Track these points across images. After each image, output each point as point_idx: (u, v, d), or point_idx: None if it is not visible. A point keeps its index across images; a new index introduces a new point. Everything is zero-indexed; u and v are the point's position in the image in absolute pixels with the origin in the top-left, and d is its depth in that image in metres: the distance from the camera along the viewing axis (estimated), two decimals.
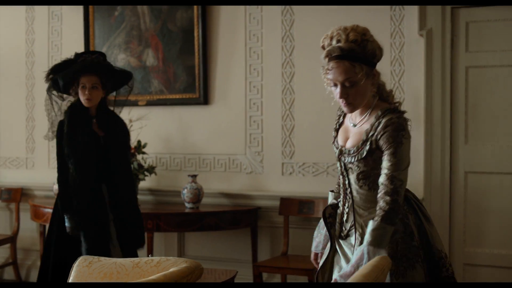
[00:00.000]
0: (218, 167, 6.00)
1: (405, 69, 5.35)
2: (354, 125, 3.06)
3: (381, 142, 2.89)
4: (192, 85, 6.01)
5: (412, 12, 5.30)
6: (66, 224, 4.52)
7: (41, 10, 6.71)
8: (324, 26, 5.54)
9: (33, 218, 6.15)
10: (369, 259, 2.73)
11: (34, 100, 6.77)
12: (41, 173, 6.74)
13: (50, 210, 5.82)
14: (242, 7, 5.86)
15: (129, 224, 4.56)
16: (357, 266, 2.76)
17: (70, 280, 3.38)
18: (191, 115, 6.08)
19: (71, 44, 6.56)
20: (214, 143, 6.01)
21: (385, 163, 2.87)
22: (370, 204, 2.99)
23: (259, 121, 5.85)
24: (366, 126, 2.97)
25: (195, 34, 5.95)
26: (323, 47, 3.06)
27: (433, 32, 5.21)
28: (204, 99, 5.98)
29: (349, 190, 3.07)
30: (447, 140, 5.21)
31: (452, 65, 5.20)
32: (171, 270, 3.06)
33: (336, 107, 3.22)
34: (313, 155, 5.65)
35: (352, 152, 3.00)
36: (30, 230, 6.74)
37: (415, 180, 5.28)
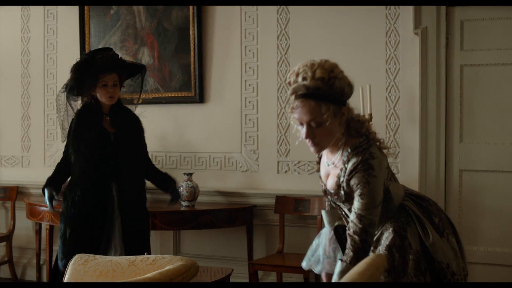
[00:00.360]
0: (213, 165, 6.01)
1: (400, 68, 5.36)
2: (328, 164, 3.00)
3: (351, 183, 2.83)
4: (188, 83, 6.01)
5: (407, 10, 5.31)
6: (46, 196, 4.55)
7: (36, 9, 6.70)
8: (319, 25, 5.57)
9: (28, 217, 6.14)
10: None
11: (30, 98, 6.77)
12: (37, 171, 6.73)
13: (46, 209, 5.82)
14: (237, 6, 5.86)
15: (133, 227, 4.47)
16: None
17: (66, 278, 3.38)
18: (186, 114, 6.09)
19: (67, 42, 6.56)
20: (209, 142, 6.01)
21: (355, 203, 2.81)
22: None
23: (255, 120, 5.85)
24: (337, 169, 2.91)
25: (191, 32, 5.96)
26: (289, 84, 2.86)
27: (428, 30, 5.22)
28: (200, 98, 5.98)
29: (347, 218, 3.01)
30: (442, 138, 5.22)
31: (447, 64, 5.21)
32: (166, 268, 3.06)
33: None
34: (309, 153, 5.60)
35: (333, 193, 2.97)
36: (25, 229, 6.73)
37: (410, 178, 5.29)
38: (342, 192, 2.89)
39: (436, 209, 3.15)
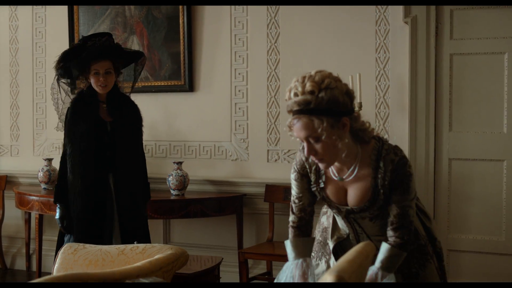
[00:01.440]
0: (203, 154, 6.00)
1: (390, 56, 5.36)
2: (342, 179, 2.89)
3: (393, 184, 2.80)
4: (177, 72, 6.00)
5: None
6: (56, 214, 4.42)
7: None
8: (309, 14, 5.56)
9: (18, 206, 6.12)
10: (376, 280, 2.75)
11: (19, 87, 6.73)
12: (26, 160, 6.71)
13: (35, 198, 5.83)
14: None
15: (130, 220, 4.34)
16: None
17: (55, 267, 3.38)
18: (176, 102, 6.07)
19: (56, 30, 6.52)
20: (199, 130, 6.01)
21: (399, 199, 2.82)
22: (384, 227, 2.92)
23: (244, 108, 5.85)
24: (362, 180, 2.84)
25: (180, 21, 5.93)
26: (286, 101, 2.73)
27: (418, 19, 5.22)
28: (190, 86, 5.97)
29: (360, 230, 3.00)
30: (431, 127, 5.23)
31: (436, 53, 5.22)
32: (156, 257, 3.07)
33: None
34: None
35: (365, 207, 2.88)
36: (15, 218, 6.71)
37: None
38: (382, 197, 2.82)
39: None
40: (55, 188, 4.47)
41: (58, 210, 4.40)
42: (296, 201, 3.00)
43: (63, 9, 6.39)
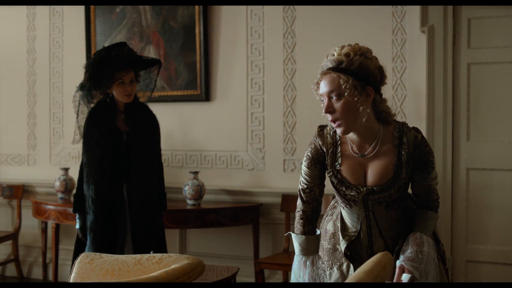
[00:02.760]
0: (219, 163, 6.00)
1: (407, 66, 5.34)
2: (363, 155, 2.89)
3: (417, 161, 2.86)
4: (194, 81, 6.01)
5: (413, 8, 5.28)
6: (76, 224, 4.42)
7: (42, 7, 6.71)
8: (325, 23, 5.56)
9: (34, 215, 6.15)
10: (422, 243, 2.82)
11: (36, 97, 6.78)
12: (43, 170, 6.74)
13: (52, 207, 5.85)
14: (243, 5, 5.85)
15: (142, 231, 4.29)
16: (420, 251, 2.81)
17: (72, 277, 3.37)
18: (192, 112, 6.08)
19: (73, 40, 6.56)
20: (215, 140, 6.01)
21: (425, 176, 2.91)
22: (396, 223, 2.96)
23: (261, 118, 5.84)
24: (384, 157, 2.86)
25: (197, 30, 5.95)
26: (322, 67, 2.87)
27: (435, 28, 5.19)
28: (206, 96, 5.98)
29: (373, 222, 2.97)
30: (449, 137, 5.20)
31: (454, 62, 5.19)
32: (172, 266, 3.05)
33: None
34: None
35: (386, 186, 2.87)
36: (31, 227, 6.75)
37: None
38: (404, 175, 2.84)
39: None
40: (74, 198, 4.47)
41: (77, 220, 4.41)
42: (307, 190, 3.03)
43: (80, 19, 6.43)
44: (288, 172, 5.74)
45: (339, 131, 2.81)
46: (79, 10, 6.44)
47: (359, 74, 2.72)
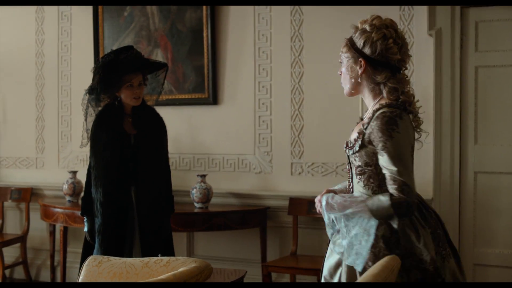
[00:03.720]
0: (227, 167, 6.01)
1: (414, 69, 5.34)
2: (362, 119, 2.99)
3: (372, 136, 2.77)
4: (201, 85, 6.02)
5: (421, 11, 5.29)
6: (85, 227, 4.42)
7: (51, 11, 6.74)
8: (332, 26, 5.56)
9: (43, 218, 6.17)
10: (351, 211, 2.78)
11: (44, 100, 6.80)
12: (51, 173, 6.77)
13: (60, 210, 5.86)
14: (251, 7, 5.86)
15: (151, 233, 4.28)
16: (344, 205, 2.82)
17: (80, 279, 3.39)
18: (200, 115, 6.09)
19: (81, 44, 6.59)
20: (223, 143, 6.02)
21: (380, 158, 2.77)
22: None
23: (268, 121, 5.85)
24: (366, 119, 2.89)
25: (204, 34, 5.96)
26: None
27: (443, 31, 5.19)
28: (213, 99, 5.99)
29: (352, 188, 2.97)
30: (456, 140, 5.19)
31: (461, 65, 5.19)
32: (180, 269, 3.06)
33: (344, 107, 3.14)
34: (322, 155, 5.65)
35: (350, 144, 2.92)
36: (40, 230, 6.77)
37: (424, 180, 5.27)
38: (359, 141, 2.82)
39: (435, 223, 2.92)
40: (82, 201, 4.48)
41: (85, 223, 4.42)
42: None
43: (88, 23, 6.45)
44: (295, 175, 5.74)
45: (345, 92, 3.02)
46: (87, 13, 6.47)
47: (354, 46, 2.90)
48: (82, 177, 5.58)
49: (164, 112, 4.89)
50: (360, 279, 2.00)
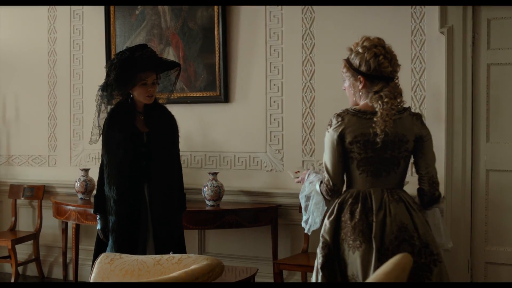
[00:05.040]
0: (238, 165, 6.02)
1: (425, 67, 5.32)
2: None
3: None
4: (213, 83, 6.03)
5: (433, 9, 5.27)
6: (98, 225, 4.44)
7: (63, 9, 6.77)
8: (344, 24, 5.55)
9: (55, 215, 6.20)
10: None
11: (56, 98, 6.83)
12: (63, 170, 6.80)
13: (72, 208, 5.90)
14: (262, 5, 5.86)
15: (164, 231, 4.30)
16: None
17: (92, 276, 3.41)
18: (211, 113, 6.10)
19: (93, 42, 6.61)
20: (234, 141, 6.02)
21: None
22: None
23: (280, 119, 5.85)
24: None
25: (216, 32, 5.97)
26: None
27: (454, 29, 5.18)
28: (225, 97, 6.00)
29: None
30: (468, 138, 5.18)
31: (473, 63, 5.17)
32: (192, 267, 3.07)
33: None
34: None
35: None
36: (52, 227, 6.80)
37: None
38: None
39: (360, 217, 3.25)
40: (95, 199, 4.50)
41: (99, 221, 4.43)
42: None
43: (100, 22, 6.48)
44: None
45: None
46: (99, 12, 6.49)
47: (352, 66, 3.38)
48: (94, 175, 5.60)
49: (176, 110, 4.90)
50: (372, 277, 2.01)
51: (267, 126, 5.90)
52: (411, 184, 4.89)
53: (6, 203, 7.05)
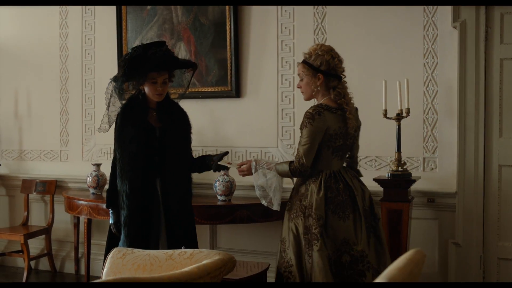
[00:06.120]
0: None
1: (438, 62, 5.30)
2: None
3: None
4: (224, 78, 6.02)
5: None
6: (110, 219, 4.44)
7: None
8: (356, 19, 5.53)
9: (67, 210, 6.22)
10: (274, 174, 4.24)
11: (68, 93, 6.85)
12: (75, 165, 6.82)
13: (84, 202, 5.91)
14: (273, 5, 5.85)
15: (177, 225, 4.31)
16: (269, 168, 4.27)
17: (104, 271, 3.42)
18: (223, 108, 6.10)
19: (104, 38, 6.62)
20: (246, 136, 6.02)
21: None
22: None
23: (291, 114, 5.84)
24: None
25: (227, 27, 5.96)
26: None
27: (467, 24, 5.15)
28: (236, 92, 5.99)
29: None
30: (481, 133, 5.15)
31: (486, 57, 5.14)
32: (204, 262, 3.08)
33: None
34: None
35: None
36: (64, 222, 6.83)
37: (448, 173, 5.24)
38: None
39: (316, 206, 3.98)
40: (107, 193, 4.51)
41: (111, 215, 4.44)
42: None
43: (112, 17, 6.48)
44: None
45: (304, 98, 4.25)
46: (111, 7, 6.50)
47: (313, 66, 4.06)
48: (105, 169, 5.62)
49: (187, 105, 4.90)
50: (386, 272, 2.00)
51: (278, 121, 5.89)
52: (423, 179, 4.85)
53: (19, 197, 7.08)
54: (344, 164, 4.19)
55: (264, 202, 4.24)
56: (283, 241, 4.11)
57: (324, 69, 4.04)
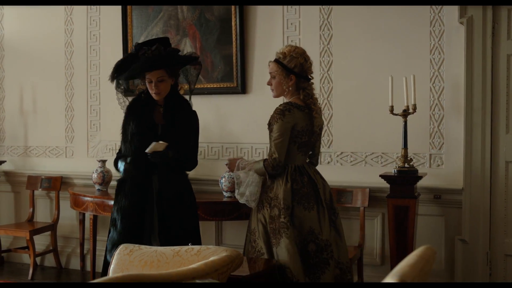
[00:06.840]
0: (255, 156, 6.00)
1: (444, 58, 5.28)
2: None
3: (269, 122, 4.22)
4: (230, 74, 6.01)
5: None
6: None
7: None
8: (362, 15, 5.52)
9: (72, 206, 6.22)
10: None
11: (73, 89, 6.85)
12: (80, 162, 6.82)
13: (89, 199, 5.90)
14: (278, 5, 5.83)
15: (169, 225, 4.33)
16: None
17: (111, 268, 3.41)
18: (228, 104, 6.09)
19: (109, 34, 6.61)
20: (251, 132, 6.01)
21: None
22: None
23: None
24: None
25: (233, 23, 5.95)
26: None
27: (474, 19, 5.13)
28: (242, 88, 5.98)
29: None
30: (487, 129, 5.14)
31: (493, 53, 5.13)
32: (211, 258, 3.07)
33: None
34: (351, 144, 5.63)
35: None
36: (69, 218, 6.83)
37: (455, 169, 5.23)
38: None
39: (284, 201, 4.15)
40: (114, 160, 4.51)
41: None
42: None
43: (117, 13, 6.47)
44: (324, 164, 5.71)
45: (273, 95, 4.38)
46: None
47: (286, 67, 4.22)
48: (111, 166, 5.61)
49: (193, 101, 4.89)
50: (397, 269, 1.99)
51: None
52: (430, 175, 4.83)
53: (24, 194, 7.08)
54: (307, 160, 4.38)
55: (241, 200, 4.34)
56: (253, 232, 4.29)
57: (297, 71, 4.23)
